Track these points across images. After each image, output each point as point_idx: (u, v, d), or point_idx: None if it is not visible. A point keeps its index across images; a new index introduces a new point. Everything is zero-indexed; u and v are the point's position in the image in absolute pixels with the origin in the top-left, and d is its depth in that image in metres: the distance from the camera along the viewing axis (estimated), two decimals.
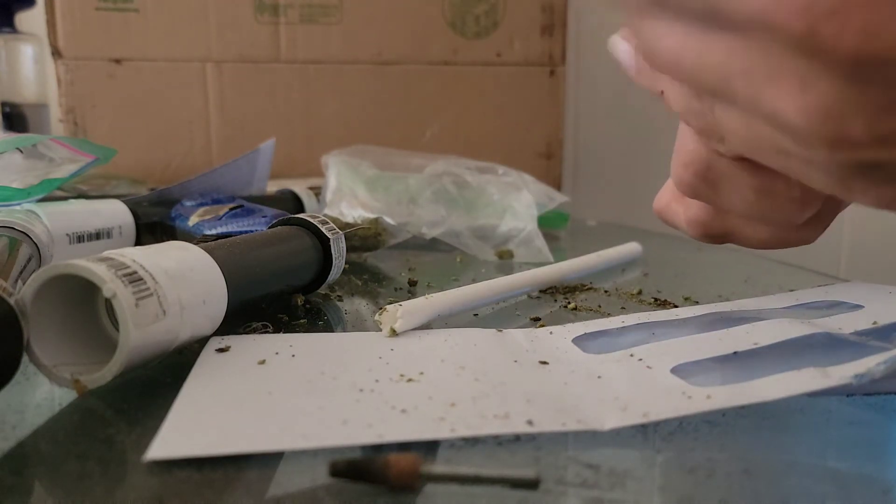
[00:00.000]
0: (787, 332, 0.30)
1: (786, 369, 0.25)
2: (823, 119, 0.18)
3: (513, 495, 0.19)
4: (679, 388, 0.25)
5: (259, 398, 0.25)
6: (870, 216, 0.82)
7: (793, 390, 0.24)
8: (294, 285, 0.38)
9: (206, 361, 0.28)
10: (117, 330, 0.25)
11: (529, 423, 0.23)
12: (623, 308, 0.39)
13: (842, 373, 0.24)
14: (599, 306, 0.39)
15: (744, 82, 0.19)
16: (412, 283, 0.45)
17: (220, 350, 0.30)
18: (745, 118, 0.21)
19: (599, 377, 0.27)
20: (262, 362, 0.28)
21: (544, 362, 0.29)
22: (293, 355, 0.29)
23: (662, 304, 0.39)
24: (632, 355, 0.29)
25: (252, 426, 0.23)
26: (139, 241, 0.47)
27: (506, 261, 0.53)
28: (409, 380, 0.27)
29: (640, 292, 0.42)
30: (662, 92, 0.26)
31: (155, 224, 0.49)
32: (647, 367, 0.27)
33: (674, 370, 0.27)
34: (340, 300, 0.41)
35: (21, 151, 0.45)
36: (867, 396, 0.26)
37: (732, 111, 0.22)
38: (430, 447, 0.22)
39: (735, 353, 0.29)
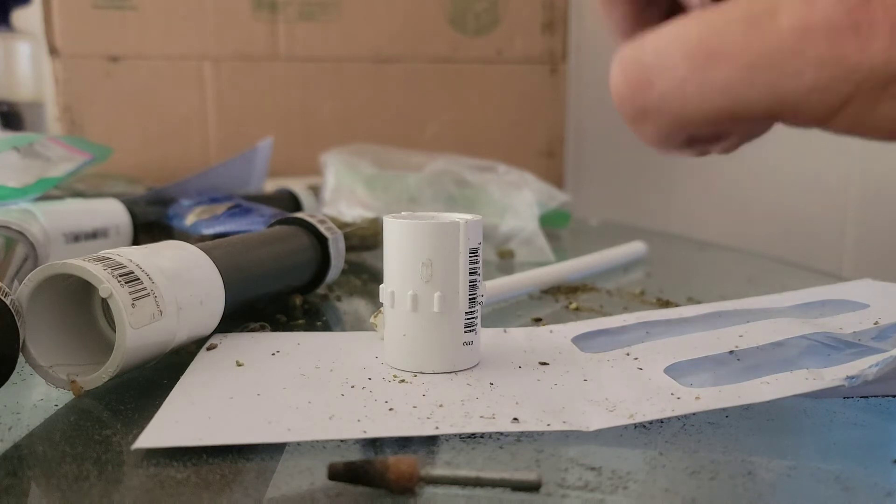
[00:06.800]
0: (785, 332, 0.29)
1: (779, 370, 0.25)
2: None
3: (514, 498, 0.19)
4: (668, 389, 0.25)
5: (249, 393, 0.25)
6: (872, 215, 0.82)
7: (783, 392, 0.24)
8: (292, 285, 0.38)
9: (201, 359, 0.28)
10: (114, 330, 0.25)
11: (515, 420, 0.23)
12: (625, 308, 0.38)
13: (834, 375, 0.24)
14: (601, 307, 0.39)
15: None
16: None
17: (215, 348, 0.29)
18: None
19: (592, 378, 0.27)
20: (257, 360, 0.28)
21: (544, 363, 0.28)
22: (288, 353, 0.29)
23: (665, 304, 0.39)
24: (628, 354, 0.29)
25: (239, 420, 0.23)
26: (136, 241, 0.47)
27: (507, 260, 0.53)
28: (402, 381, 0.27)
29: (642, 293, 0.42)
30: None
31: (152, 223, 0.49)
32: (641, 367, 0.27)
33: (668, 369, 0.27)
34: (339, 300, 0.41)
35: (17, 150, 0.45)
36: (870, 398, 0.26)
37: None
38: (430, 449, 0.22)
39: (731, 352, 0.28)
